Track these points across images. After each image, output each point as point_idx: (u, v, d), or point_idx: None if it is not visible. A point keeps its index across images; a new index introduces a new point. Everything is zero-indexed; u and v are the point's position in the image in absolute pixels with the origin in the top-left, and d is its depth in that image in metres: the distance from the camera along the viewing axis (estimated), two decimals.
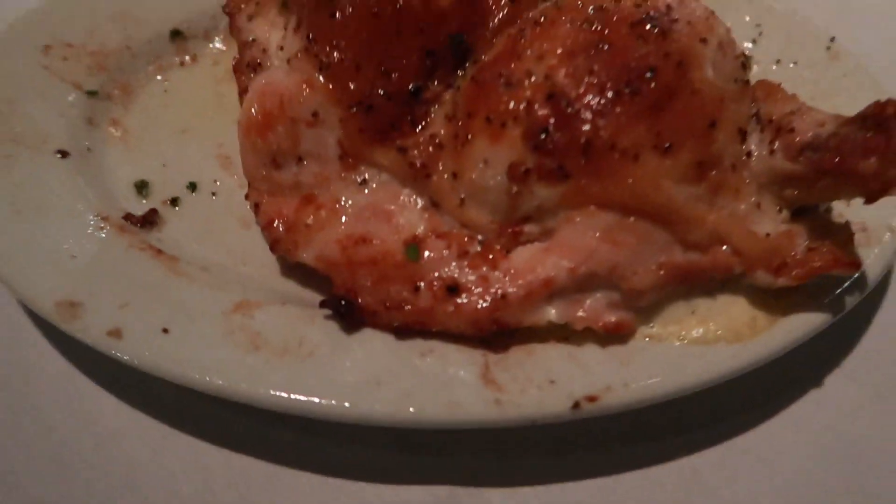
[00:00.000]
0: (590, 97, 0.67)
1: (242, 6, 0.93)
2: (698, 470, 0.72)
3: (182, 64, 1.00)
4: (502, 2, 0.79)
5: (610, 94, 0.67)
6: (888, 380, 0.80)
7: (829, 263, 0.67)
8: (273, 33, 0.88)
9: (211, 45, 1.03)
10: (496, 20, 0.78)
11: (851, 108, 0.91)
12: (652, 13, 0.73)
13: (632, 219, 0.68)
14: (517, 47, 0.72)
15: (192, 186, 0.87)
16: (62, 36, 0.93)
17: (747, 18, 1.03)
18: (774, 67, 0.99)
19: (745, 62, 0.78)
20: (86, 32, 0.95)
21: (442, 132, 0.74)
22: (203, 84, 0.99)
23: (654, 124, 0.67)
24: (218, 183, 0.88)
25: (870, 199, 0.65)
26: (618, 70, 0.68)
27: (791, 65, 0.98)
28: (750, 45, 1.01)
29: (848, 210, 0.79)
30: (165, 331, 0.67)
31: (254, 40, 0.89)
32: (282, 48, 0.82)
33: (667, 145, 0.67)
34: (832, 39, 0.97)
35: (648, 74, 0.68)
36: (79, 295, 0.69)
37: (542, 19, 0.74)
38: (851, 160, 0.63)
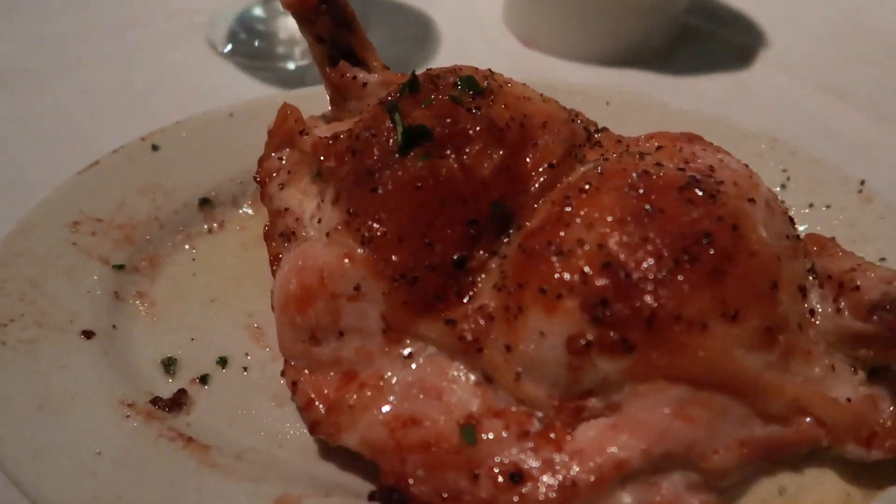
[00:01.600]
0: (647, 266, 0.65)
1: (274, 174, 0.93)
2: None
3: (210, 231, 0.99)
4: (541, 168, 0.79)
5: (668, 262, 0.65)
6: None
7: None
8: (307, 202, 0.87)
9: (240, 211, 1.02)
10: (537, 185, 0.78)
11: (892, 251, 0.91)
12: (697, 176, 0.72)
13: (705, 392, 0.63)
14: (564, 215, 0.71)
15: (223, 362, 0.83)
16: (91, 211, 0.92)
17: (772, 164, 1.03)
18: (806, 211, 0.98)
19: (791, 217, 0.77)
20: (114, 206, 0.94)
21: (491, 304, 0.71)
22: (231, 251, 0.97)
23: (717, 291, 0.64)
24: (249, 357, 0.84)
25: None
26: (672, 237, 0.66)
27: (824, 208, 0.98)
28: (779, 189, 1.01)
29: None
30: None
31: (287, 209, 0.88)
32: (319, 220, 0.80)
33: (733, 312, 0.64)
34: (862, 182, 0.98)
35: (705, 240, 0.66)
36: (105, 499, 0.63)
37: (587, 186, 0.73)
38: None
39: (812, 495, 0.64)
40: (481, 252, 0.74)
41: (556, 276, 0.67)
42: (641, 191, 0.70)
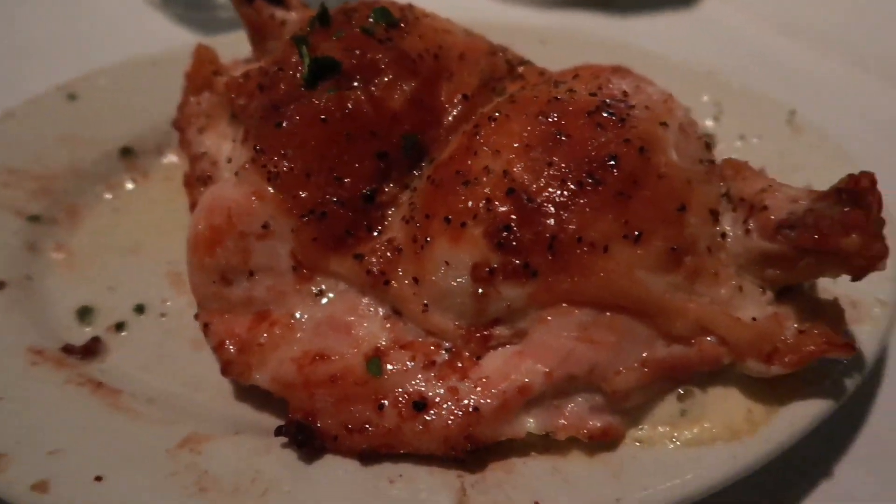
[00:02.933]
0: (552, 190, 0.64)
1: (192, 119, 0.90)
2: None
3: (134, 181, 0.97)
4: (455, 99, 0.77)
5: (572, 186, 0.64)
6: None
7: (822, 347, 0.62)
8: (224, 145, 0.85)
9: (164, 160, 1.00)
10: (450, 118, 0.77)
11: (820, 180, 0.89)
12: (608, 101, 0.71)
13: (608, 314, 0.63)
14: (472, 144, 0.69)
15: (140, 309, 0.82)
16: (4, 161, 0.90)
17: (706, 98, 1.02)
18: (738, 144, 0.97)
19: (708, 142, 0.76)
20: (30, 156, 0.92)
21: (399, 236, 0.70)
22: (155, 201, 0.95)
23: (621, 213, 0.63)
24: (168, 303, 0.83)
25: (856, 275, 0.61)
26: (578, 160, 0.65)
27: (755, 140, 0.97)
28: (711, 123, 1.00)
29: (833, 284, 0.76)
30: (99, 479, 0.60)
31: (204, 153, 0.86)
32: (230, 160, 0.78)
33: (637, 234, 0.63)
34: (792, 112, 0.97)
35: (611, 163, 0.65)
36: (4, 445, 0.62)
37: (497, 114, 0.71)
38: (833, 238, 0.59)
39: (715, 413, 0.64)
40: (392, 185, 0.73)
41: (461, 205, 0.66)
42: (550, 117, 0.69)
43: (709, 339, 0.64)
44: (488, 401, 0.63)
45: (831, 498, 0.72)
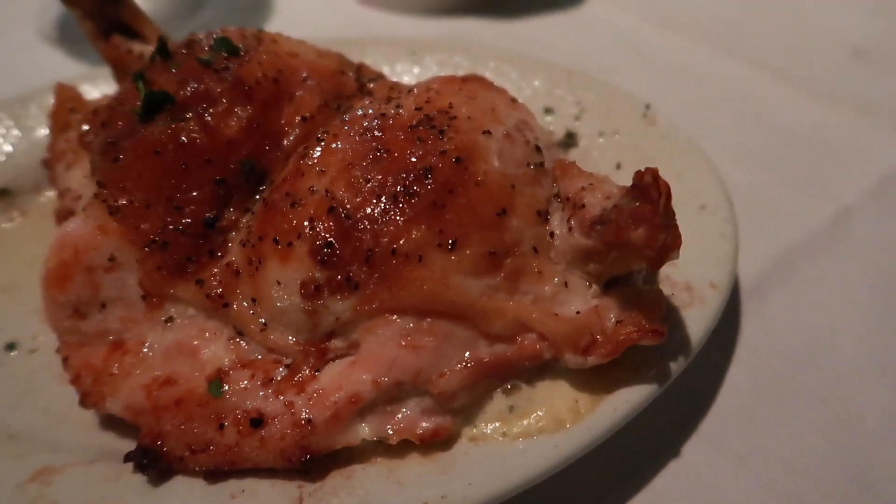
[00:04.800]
0: (369, 205, 0.67)
1: (61, 157, 0.92)
2: None
3: (11, 220, 0.98)
4: (295, 121, 0.80)
5: (388, 200, 0.67)
6: (743, 439, 0.77)
7: (634, 335, 0.65)
8: (86, 181, 0.87)
9: (42, 198, 1.01)
10: (290, 139, 0.79)
11: (670, 170, 0.94)
12: (431, 113, 0.74)
13: (429, 320, 0.66)
14: (301, 165, 0.72)
15: (10, 346, 0.83)
16: None
17: (570, 98, 1.05)
18: (601, 140, 1.01)
19: (538, 145, 0.79)
20: None
21: (237, 259, 0.72)
22: (32, 238, 0.96)
23: (435, 223, 0.66)
24: (40, 338, 0.84)
25: (652, 266, 0.64)
26: (395, 175, 0.68)
27: (614, 136, 1.00)
28: (576, 122, 1.04)
29: (674, 270, 0.79)
30: None
31: (68, 189, 0.87)
32: (81, 196, 0.81)
33: (452, 241, 0.66)
34: (647, 106, 1.00)
35: (426, 175, 0.68)
36: None
37: (325, 134, 0.74)
38: (625, 231, 0.63)
39: (542, 406, 0.67)
40: (233, 210, 0.75)
41: (287, 225, 0.68)
42: (373, 134, 0.72)
43: (529, 335, 0.67)
44: (321, 412, 0.65)
45: (679, 475, 0.75)
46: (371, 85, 0.90)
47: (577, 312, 0.69)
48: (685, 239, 0.83)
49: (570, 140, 1.01)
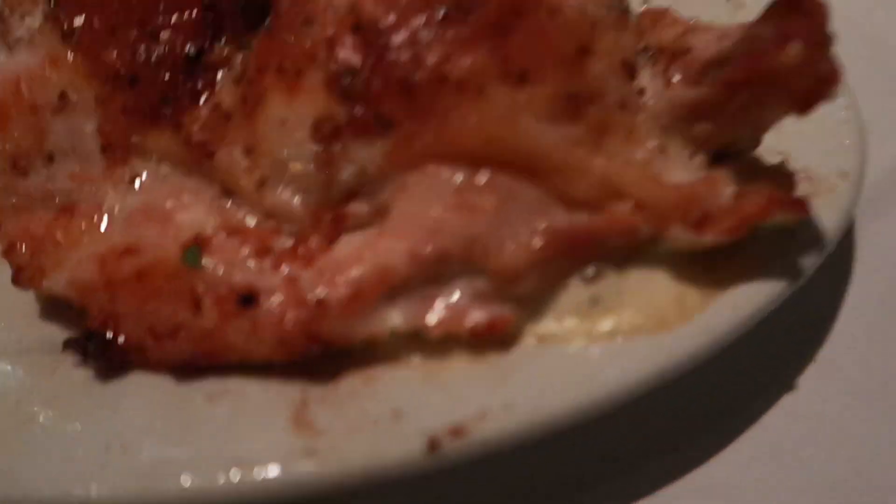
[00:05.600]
0: (408, 23, 0.49)
1: (16, 6, 0.74)
2: None
3: None
4: None
5: (435, 17, 0.49)
6: (868, 373, 0.60)
7: (766, 207, 0.48)
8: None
9: None
10: None
11: None
12: None
13: (487, 173, 0.48)
14: None
15: None
16: None
17: None
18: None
19: None
20: None
21: (228, 100, 0.54)
22: None
23: (498, 48, 0.49)
24: None
25: (802, 106, 0.47)
26: None
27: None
28: None
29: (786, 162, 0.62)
30: None
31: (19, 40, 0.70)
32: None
33: (520, 73, 0.48)
34: None
35: None
36: None
37: None
38: (768, 56, 0.45)
39: (635, 300, 0.49)
40: (224, 44, 0.57)
41: (297, 49, 0.51)
42: None
43: (622, 204, 0.49)
44: (337, 290, 0.47)
45: (794, 415, 0.58)
46: None
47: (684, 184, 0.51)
48: (794, 126, 0.67)
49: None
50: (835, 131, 0.65)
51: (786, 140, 0.63)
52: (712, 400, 0.57)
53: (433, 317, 0.48)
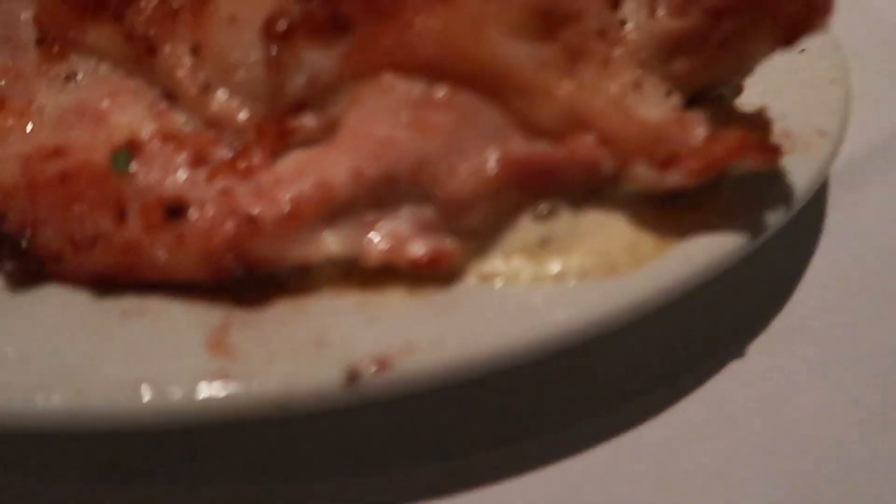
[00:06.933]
0: None
1: None
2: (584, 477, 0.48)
3: None
4: None
5: None
6: (821, 344, 0.58)
7: (736, 150, 0.45)
8: None
9: None
10: None
11: None
12: None
13: (445, 89, 0.45)
14: None
15: None
16: None
17: None
18: None
19: None
20: None
21: None
22: None
23: None
24: None
25: (787, 37, 0.44)
26: None
27: None
28: None
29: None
30: None
31: None
32: None
33: None
34: None
35: None
36: None
37: None
38: None
39: (591, 243, 0.47)
40: None
41: None
42: None
43: (586, 136, 0.46)
44: (272, 206, 0.44)
45: (741, 378, 0.56)
46: None
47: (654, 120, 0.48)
48: (780, 83, 0.64)
49: None
50: (820, 90, 0.62)
51: (769, 94, 0.61)
52: (660, 358, 0.55)
53: (373, 244, 0.45)
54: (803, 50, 0.65)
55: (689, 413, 0.54)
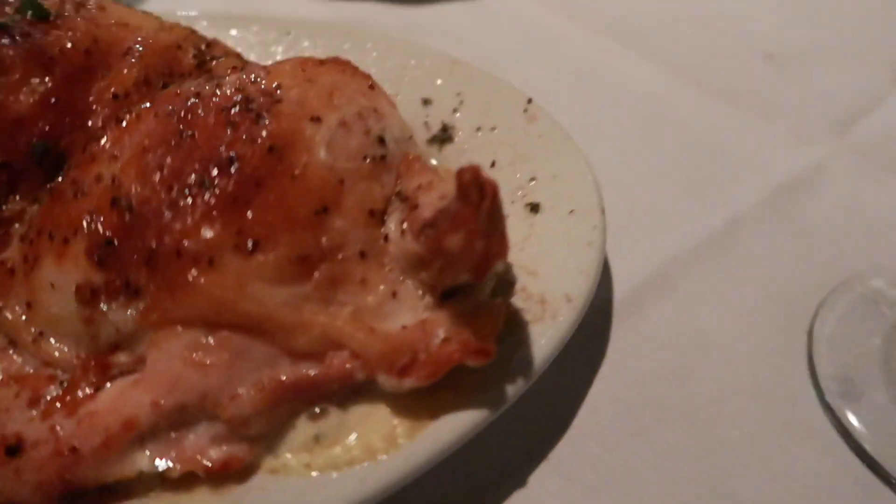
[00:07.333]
0: (156, 199, 0.58)
1: None
2: None
3: None
4: (105, 98, 0.70)
5: (181, 193, 0.58)
6: (596, 468, 0.70)
7: (455, 353, 0.58)
8: None
9: None
10: (98, 119, 0.69)
11: (546, 170, 0.87)
12: (252, 95, 0.65)
13: (222, 334, 0.57)
14: (93, 149, 0.63)
15: None
16: None
17: (451, 89, 0.97)
18: (478, 135, 0.93)
19: (382, 137, 0.70)
20: None
21: (15, 256, 0.62)
22: None
23: (232, 221, 0.57)
24: None
25: (475, 276, 0.57)
26: (192, 164, 0.59)
27: (492, 131, 0.92)
28: (454, 115, 0.96)
29: (532, 280, 0.72)
30: None
31: None
32: None
33: (251, 243, 0.57)
34: (529, 101, 0.93)
35: (230, 165, 0.59)
36: None
37: (130, 115, 0.64)
38: (444, 237, 0.55)
39: (354, 434, 0.59)
40: (19, 199, 0.65)
41: (66, 218, 0.59)
42: (180, 116, 0.62)
43: (340, 353, 0.59)
44: (90, 438, 0.56)
45: None
46: (214, 63, 0.80)
47: (404, 327, 0.60)
48: (550, 247, 0.76)
49: (445, 134, 0.93)
50: (578, 252, 0.74)
51: (539, 259, 0.74)
52: (445, 494, 0.67)
53: (175, 457, 0.57)
54: (572, 211, 0.80)
55: None
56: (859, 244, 0.94)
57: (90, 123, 0.68)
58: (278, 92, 0.66)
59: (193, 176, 0.58)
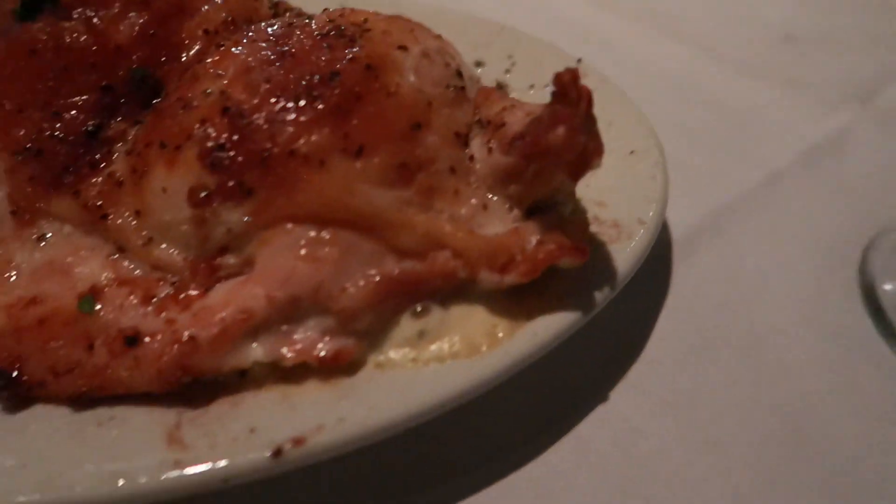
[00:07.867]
0: (266, 107, 0.61)
1: None
2: None
3: None
4: (197, 34, 0.73)
5: (289, 102, 0.61)
6: (671, 387, 0.73)
7: (554, 253, 0.61)
8: None
9: None
10: (190, 53, 0.72)
11: (601, 118, 0.91)
12: (343, 25, 0.69)
13: (331, 230, 0.60)
14: (197, 70, 0.66)
15: None
16: None
17: (499, 50, 1.02)
18: (531, 92, 0.97)
19: (459, 70, 0.74)
20: None
21: (121, 169, 0.65)
22: None
23: (339, 127, 0.60)
24: None
25: (573, 175, 0.60)
26: (298, 77, 0.62)
27: (545, 88, 0.97)
28: (506, 75, 1.00)
29: (602, 210, 0.75)
30: None
31: None
32: None
33: (357, 148, 0.60)
34: (579, 60, 0.98)
35: (332, 78, 0.62)
36: None
37: (227, 41, 0.68)
38: (543, 137, 0.58)
39: (456, 331, 0.61)
40: (121, 120, 0.68)
41: (176, 128, 0.62)
42: (278, 39, 0.66)
43: (443, 252, 0.62)
44: (207, 329, 0.58)
45: (606, 421, 0.70)
46: (287, 15, 0.84)
47: (496, 235, 0.64)
48: (615, 182, 0.80)
49: (500, 91, 0.97)
50: (643, 186, 0.78)
51: (605, 192, 0.77)
52: (535, 410, 0.69)
53: (288, 349, 0.59)
54: (632, 151, 0.84)
55: (564, 452, 0.67)
56: (890, 198, 0.99)
57: (184, 57, 0.72)
58: (365, 23, 0.70)
59: (299, 87, 0.61)
